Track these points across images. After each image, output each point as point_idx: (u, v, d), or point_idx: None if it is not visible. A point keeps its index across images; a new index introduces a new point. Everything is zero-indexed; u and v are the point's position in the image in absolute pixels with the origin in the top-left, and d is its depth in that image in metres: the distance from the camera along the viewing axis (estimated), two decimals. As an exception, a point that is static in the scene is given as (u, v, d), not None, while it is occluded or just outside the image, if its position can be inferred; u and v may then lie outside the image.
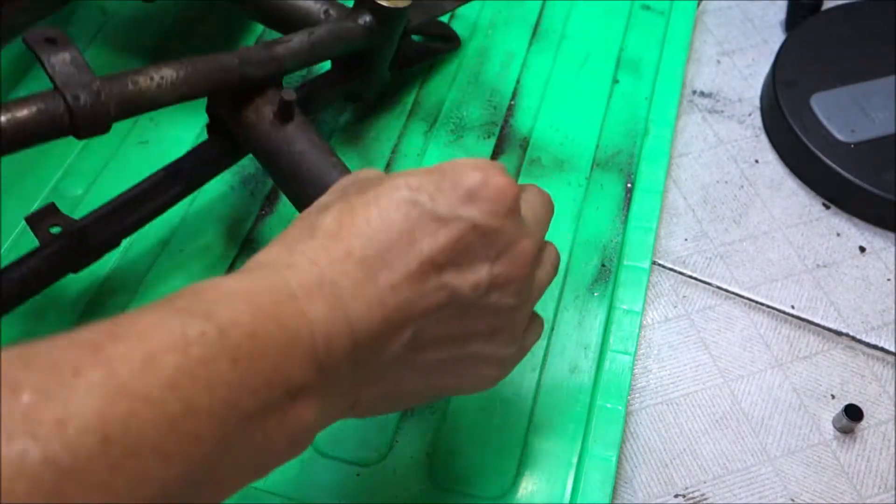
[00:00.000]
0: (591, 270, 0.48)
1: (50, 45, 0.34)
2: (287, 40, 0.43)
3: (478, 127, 0.55)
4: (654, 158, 0.53)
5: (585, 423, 0.42)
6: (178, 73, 0.37)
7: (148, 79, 0.36)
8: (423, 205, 0.28)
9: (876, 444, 0.44)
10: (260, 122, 0.42)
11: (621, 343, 0.45)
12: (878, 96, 0.55)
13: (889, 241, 0.52)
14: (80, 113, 0.33)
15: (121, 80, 0.35)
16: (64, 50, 0.34)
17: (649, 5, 0.62)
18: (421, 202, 0.28)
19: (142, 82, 0.36)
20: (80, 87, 0.33)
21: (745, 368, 0.47)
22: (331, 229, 0.28)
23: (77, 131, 0.34)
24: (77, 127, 0.33)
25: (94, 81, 0.34)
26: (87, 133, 0.34)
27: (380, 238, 0.28)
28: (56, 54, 0.34)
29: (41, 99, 0.33)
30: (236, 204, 0.51)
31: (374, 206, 0.28)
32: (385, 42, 0.49)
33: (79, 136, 0.34)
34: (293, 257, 0.27)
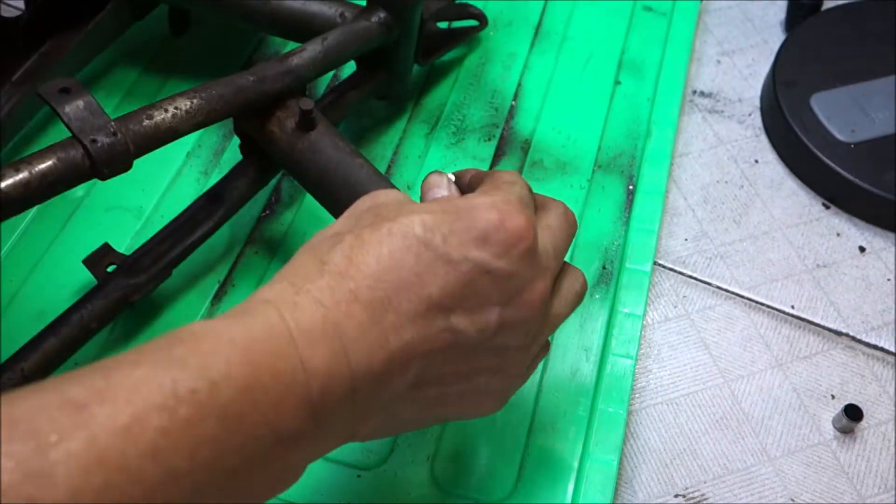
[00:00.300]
0: (593, 273, 0.49)
1: (63, 94, 0.35)
2: (301, 50, 0.43)
3: (479, 129, 0.55)
4: (656, 160, 0.53)
5: (587, 427, 0.43)
6: (192, 102, 0.38)
7: (162, 111, 0.37)
8: (436, 247, 0.28)
9: (876, 444, 0.44)
10: (283, 134, 0.42)
11: (623, 346, 0.45)
12: (878, 96, 0.55)
13: (889, 241, 0.52)
14: (99, 156, 0.34)
15: (136, 118, 0.36)
16: (77, 98, 0.35)
17: (651, 6, 0.62)
18: (433, 243, 0.28)
19: (157, 116, 0.37)
20: (97, 131, 0.35)
21: (745, 368, 0.47)
22: (340, 267, 0.27)
23: (99, 173, 0.35)
24: (98, 170, 0.35)
25: (109, 124, 0.35)
26: (111, 173, 0.35)
27: (388, 279, 0.27)
28: (70, 103, 0.35)
29: (60, 148, 0.34)
30: (238, 205, 0.52)
31: (386, 243, 0.28)
32: (404, 36, 0.49)
33: (102, 177, 0.35)
34: (298, 296, 0.27)
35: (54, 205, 0.51)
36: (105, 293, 0.42)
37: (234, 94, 0.40)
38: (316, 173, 0.42)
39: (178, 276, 0.48)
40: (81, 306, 0.42)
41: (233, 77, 0.41)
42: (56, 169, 0.34)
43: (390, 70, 0.51)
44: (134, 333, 0.46)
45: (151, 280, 0.43)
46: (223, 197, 0.45)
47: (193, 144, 0.54)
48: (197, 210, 0.45)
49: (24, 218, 0.51)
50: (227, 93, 0.40)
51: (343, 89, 0.50)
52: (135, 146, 0.36)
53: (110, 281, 0.43)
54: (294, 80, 0.43)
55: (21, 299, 0.47)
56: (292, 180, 0.53)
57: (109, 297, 0.42)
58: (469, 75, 0.58)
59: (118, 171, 0.36)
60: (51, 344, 0.41)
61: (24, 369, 0.40)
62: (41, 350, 0.41)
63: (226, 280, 0.48)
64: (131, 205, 0.51)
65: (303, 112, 0.41)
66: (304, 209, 0.51)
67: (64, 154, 0.34)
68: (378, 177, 0.41)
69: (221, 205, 0.45)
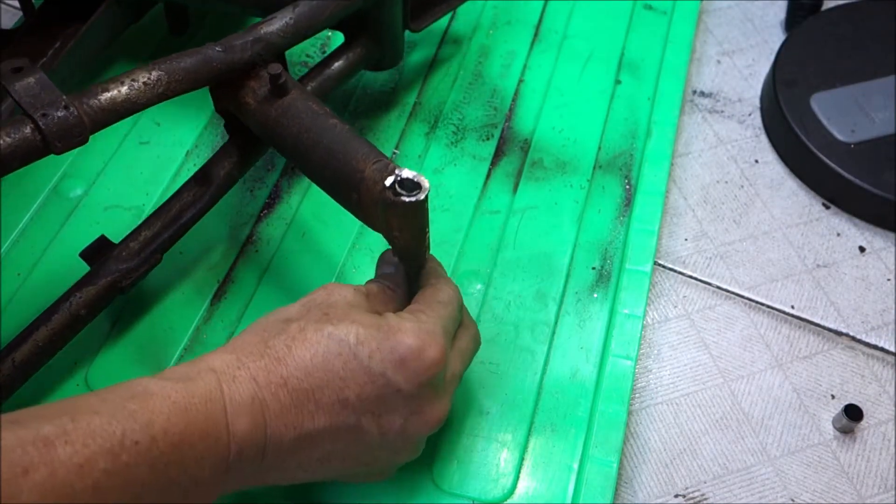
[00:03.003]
0: (593, 273, 0.49)
1: (15, 73, 0.35)
2: (271, 18, 0.42)
3: (479, 128, 0.55)
4: (656, 161, 0.53)
5: (587, 428, 0.43)
6: (151, 74, 0.38)
7: (119, 84, 0.37)
8: (361, 359, 0.33)
9: (876, 444, 0.44)
10: (257, 103, 0.41)
11: (623, 347, 0.45)
12: (878, 96, 0.55)
13: (889, 241, 0.52)
14: (49, 130, 0.34)
15: (90, 92, 0.36)
16: (29, 76, 0.35)
17: (651, 5, 0.62)
18: (360, 355, 0.33)
19: (113, 90, 0.37)
20: (47, 106, 0.34)
21: (745, 368, 0.47)
22: (279, 353, 0.33)
23: (52, 147, 0.34)
24: (50, 143, 0.34)
25: (60, 99, 0.35)
26: (64, 147, 0.35)
27: (317, 375, 0.33)
28: (21, 80, 0.34)
29: (10, 125, 0.34)
30: (236, 205, 0.52)
31: (323, 345, 0.33)
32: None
33: (56, 151, 0.35)
34: (238, 371, 0.32)
35: (53, 204, 0.51)
36: (94, 280, 0.42)
37: (199, 65, 0.39)
38: (290, 139, 0.40)
39: (178, 276, 0.48)
40: (71, 295, 0.41)
41: (198, 49, 0.40)
42: (6, 146, 0.33)
43: (376, 37, 0.50)
44: (135, 333, 0.46)
45: (141, 265, 0.43)
46: (211, 178, 0.44)
47: (192, 144, 0.54)
48: (185, 193, 0.44)
49: (24, 217, 0.50)
50: (190, 64, 0.39)
51: (330, 60, 0.49)
52: (90, 119, 0.35)
53: (100, 268, 0.42)
54: (264, 48, 0.42)
55: (21, 298, 0.47)
56: (290, 179, 0.53)
57: (99, 284, 0.42)
58: (469, 74, 0.58)
59: (73, 145, 0.35)
60: (42, 334, 0.40)
61: (15, 360, 0.40)
62: (32, 340, 0.40)
63: (225, 279, 0.48)
64: (130, 204, 0.51)
65: (272, 77, 0.40)
66: (303, 208, 0.51)
67: (13, 130, 0.34)
68: (351, 135, 0.40)
69: (209, 186, 0.44)
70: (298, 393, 0.33)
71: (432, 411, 0.36)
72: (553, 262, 0.49)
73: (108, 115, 0.36)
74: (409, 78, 0.58)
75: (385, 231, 0.37)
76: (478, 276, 0.48)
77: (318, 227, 0.51)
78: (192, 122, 0.55)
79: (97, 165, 0.53)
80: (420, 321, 0.35)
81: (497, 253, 0.49)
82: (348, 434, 0.34)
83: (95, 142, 0.54)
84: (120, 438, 0.28)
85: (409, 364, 0.34)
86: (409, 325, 0.35)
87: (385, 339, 0.34)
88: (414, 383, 0.34)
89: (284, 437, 0.32)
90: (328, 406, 0.33)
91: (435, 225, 0.50)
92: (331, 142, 0.39)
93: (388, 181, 0.34)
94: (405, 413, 0.35)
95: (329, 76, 0.49)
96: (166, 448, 0.29)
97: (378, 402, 0.34)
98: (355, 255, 0.49)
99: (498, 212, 0.51)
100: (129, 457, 0.28)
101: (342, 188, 0.39)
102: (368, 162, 0.37)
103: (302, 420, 0.33)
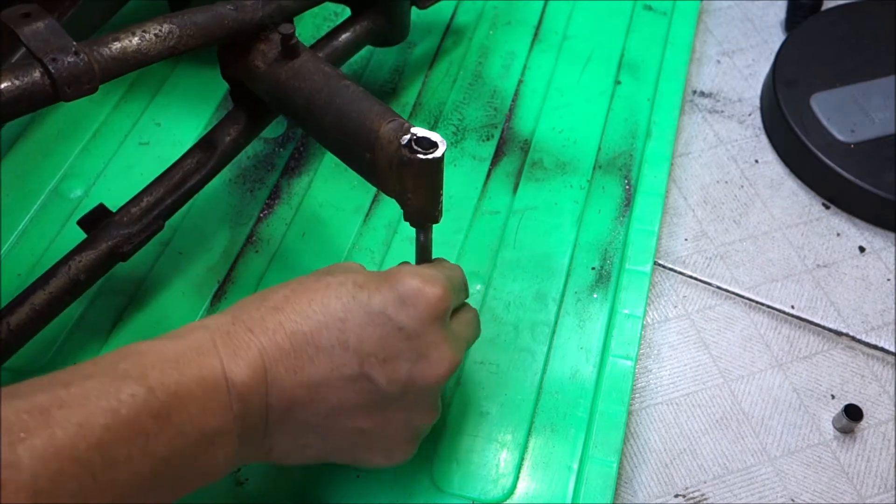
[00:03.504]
0: (592, 274, 0.49)
1: (24, 18, 0.34)
2: None
3: (479, 128, 0.55)
4: (656, 161, 0.53)
5: (586, 428, 0.43)
6: (162, 27, 0.37)
7: (130, 35, 0.36)
8: (361, 301, 0.33)
9: (876, 444, 0.44)
10: (267, 66, 0.41)
11: (622, 348, 0.45)
12: (878, 96, 0.55)
13: (889, 241, 0.52)
14: (59, 75, 0.33)
15: (102, 41, 0.35)
16: (38, 20, 0.34)
17: (651, 6, 0.62)
18: (359, 297, 0.33)
19: (124, 39, 0.36)
20: (58, 52, 0.33)
21: (745, 368, 0.47)
22: (276, 303, 0.33)
23: (62, 94, 0.34)
24: (60, 89, 0.33)
25: (71, 44, 0.34)
26: (73, 93, 0.34)
27: (315, 318, 0.32)
28: (29, 24, 0.34)
29: (19, 68, 0.33)
30: (236, 205, 0.52)
31: (321, 291, 0.33)
32: None
33: (66, 98, 0.34)
34: (233, 326, 0.32)
35: (54, 205, 0.51)
36: (94, 244, 0.41)
37: (210, 22, 0.38)
38: (301, 100, 0.40)
39: (178, 276, 0.48)
40: (70, 258, 0.40)
41: (210, 6, 0.39)
42: (14, 88, 0.32)
43: (384, 11, 0.49)
44: (135, 333, 0.46)
45: (143, 231, 0.42)
46: (215, 144, 0.43)
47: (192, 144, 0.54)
48: (188, 159, 0.43)
49: (24, 218, 0.51)
50: (201, 19, 0.38)
51: (337, 32, 0.48)
52: (100, 68, 0.35)
53: (100, 232, 0.41)
54: (276, 10, 0.41)
55: (20, 299, 0.47)
56: (290, 180, 0.53)
57: (99, 249, 0.40)
58: (469, 75, 0.58)
59: (82, 93, 0.34)
60: (39, 297, 0.39)
61: (10, 323, 0.39)
62: (29, 304, 0.39)
63: (225, 279, 0.48)
64: (130, 204, 0.51)
65: (283, 38, 0.39)
66: (303, 209, 0.51)
67: (22, 73, 0.33)
68: (364, 95, 0.39)
69: (213, 152, 0.43)
70: (296, 336, 0.32)
71: (440, 356, 0.34)
72: (553, 263, 0.49)
73: (118, 64, 0.35)
74: (409, 78, 0.58)
75: (398, 193, 0.37)
76: (478, 277, 0.48)
77: (318, 227, 0.51)
78: (192, 122, 0.55)
79: (97, 166, 0.53)
80: (422, 269, 0.35)
81: (497, 253, 0.49)
82: (352, 383, 0.33)
83: (95, 142, 0.55)
84: (115, 394, 0.27)
85: (410, 300, 0.33)
86: (409, 269, 0.34)
87: (384, 280, 0.33)
88: (416, 320, 0.33)
89: (286, 382, 0.31)
90: (327, 348, 0.32)
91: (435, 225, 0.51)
92: (344, 102, 0.38)
93: (403, 139, 0.34)
94: (410, 356, 0.33)
95: (336, 47, 0.48)
96: (165, 397, 0.28)
97: (380, 344, 0.33)
98: (355, 255, 0.49)
99: (498, 212, 0.51)
100: (129, 410, 0.27)
101: (355, 148, 0.38)
102: (383, 121, 0.36)
103: (302, 363, 0.32)
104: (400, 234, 0.50)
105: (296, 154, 0.54)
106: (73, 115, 0.56)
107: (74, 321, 0.46)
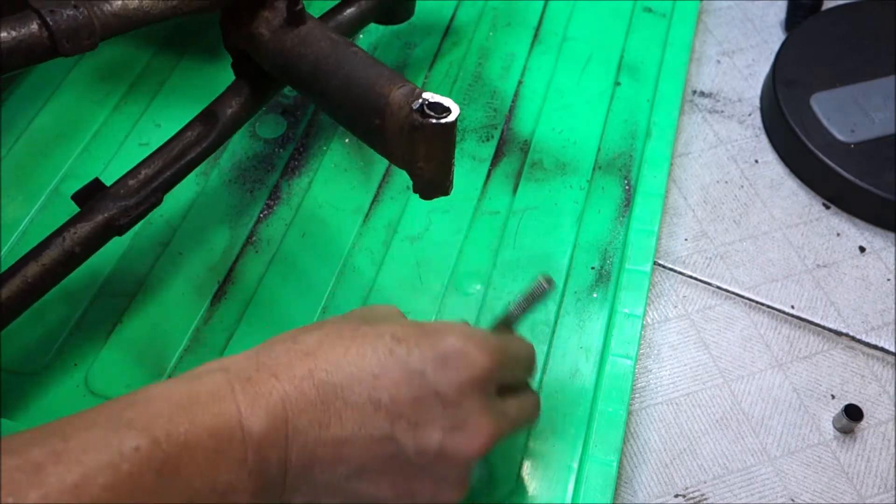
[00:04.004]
0: (592, 273, 0.49)
1: None
2: None
3: (478, 129, 0.55)
4: (656, 161, 0.53)
5: (586, 427, 0.43)
6: None
7: None
8: (399, 356, 0.30)
9: (876, 444, 0.44)
10: (271, 33, 0.40)
11: (622, 347, 0.45)
12: (878, 96, 0.55)
13: (889, 241, 0.52)
14: (57, 27, 0.32)
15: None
16: None
17: (651, 7, 0.62)
18: (397, 352, 0.30)
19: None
20: (56, 4, 0.32)
21: (745, 368, 0.47)
22: (308, 348, 0.30)
23: (60, 47, 0.33)
24: (58, 42, 0.32)
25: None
26: (72, 48, 0.33)
27: (347, 369, 0.30)
28: None
29: (16, 20, 0.32)
30: (236, 205, 0.52)
31: (358, 341, 0.30)
32: None
33: (64, 52, 0.33)
34: (256, 373, 0.29)
35: (54, 205, 0.51)
36: (90, 216, 0.39)
37: None
38: (307, 68, 0.38)
39: (178, 276, 0.48)
40: (64, 230, 0.38)
41: None
42: (11, 39, 0.31)
43: None
44: (135, 333, 0.46)
45: (140, 203, 0.40)
46: (217, 116, 0.42)
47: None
48: (188, 132, 0.42)
49: (24, 218, 0.51)
50: None
51: (342, 6, 0.47)
52: (101, 24, 0.33)
53: (96, 204, 0.39)
54: None
55: (20, 299, 0.47)
56: (290, 180, 0.53)
57: (95, 220, 0.39)
58: (468, 76, 0.58)
59: (82, 48, 0.33)
60: (32, 269, 0.37)
61: (1, 295, 0.37)
62: (21, 275, 0.37)
63: (226, 279, 0.48)
64: (131, 205, 0.51)
65: (290, 2, 0.38)
66: (303, 209, 0.51)
67: (18, 25, 0.32)
68: (373, 61, 0.37)
69: (215, 125, 0.42)
70: (325, 386, 0.29)
71: (477, 429, 0.31)
72: (553, 263, 0.49)
73: (119, 21, 0.34)
74: (408, 79, 0.58)
75: (408, 162, 0.35)
76: (477, 277, 0.48)
77: (318, 227, 0.51)
78: (192, 123, 0.55)
79: (97, 167, 0.53)
80: (471, 329, 0.32)
81: (497, 253, 0.49)
82: (380, 445, 0.30)
83: (95, 143, 0.55)
84: (118, 447, 0.25)
85: (452, 363, 0.30)
86: (457, 327, 0.32)
87: (427, 336, 0.31)
88: (455, 387, 0.30)
89: (309, 436, 0.29)
90: (358, 405, 0.29)
91: (435, 225, 0.51)
92: (352, 68, 0.37)
93: (415, 104, 0.33)
94: (444, 425, 0.30)
95: (340, 22, 0.47)
96: (172, 449, 0.26)
97: (414, 407, 0.30)
98: (356, 255, 0.49)
99: (498, 212, 0.51)
100: (132, 465, 0.25)
101: (363, 114, 0.36)
102: (394, 86, 0.35)
103: (328, 418, 0.29)
104: (400, 234, 0.50)
105: (296, 154, 0.54)
106: (73, 115, 0.56)
107: (74, 322, 0.46)
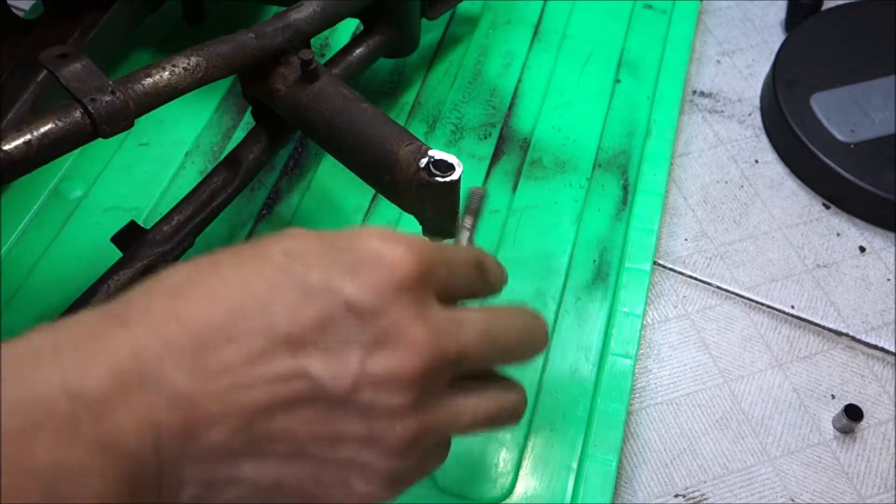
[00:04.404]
0: (592, 272, 0.49)
1: (61, 59, 0.36)
2: (299, 5, 0.44)
3: (478, 127, 0.55)
4: (656, 160, 0.53)
5: (586, 427, 0.43)
6: (190, 60, 0.39)
7: (161, 70, 0.38)
8: (294, 273, 0.24)
9: (876, 444, 0.44)
10: (287, 89, 0.42)
11: (622, 346, 0.45)
12: (878, 96, 0.55)
13: (889, 241, 0.52)
14: (98, 114, 0.35)
15: (134, 78, 0.37)
16: (75, 61, 0.36)
17: (651, 4, 0.62)
18: (292, 270, 0.24)
19: (155, 75, 0.38)
20: (95, 91, 0.35)
21: (745, 368, 0.47)
22: (174, 286, 0.23)
23: (101, 132, 0.35)
24: (99, 127, 0.35)
25: (107, 84, 0.36)
26: (112, 131, 0.36)
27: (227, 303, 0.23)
28: (68, 66, 0.35)
29: (60, 109, 0.35)
30: (236, 205, 0.52)
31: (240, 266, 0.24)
32: None
33: (105, 135, 0.36)
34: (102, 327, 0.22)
35: (53, 206, 0.51)
36: (130, 263, 0.42)
37: (233, 51, 0.40)
38: (323, 123, 0.41)
39: (176, 275, 0.48)
40: (108, 277, 0.42)
41: (232, 35, 0.41)
42: (58, 130, 0.34)
43: (396, 24, 0.51)
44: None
45: (175, 248, 0.43)
46: (240, 162, 0.45)
47: (192, 144, 0.54)
48: (215, 177, 0.45)
49: (24, 219, 0.51)
50: (225, 50, 0.40)
51: (351, 47, 0.50)
52: (135, 104, 0.36)
53: (135, 252, 0.43)
54: (294, 34, 0.43)
55: (20, 300, 0.47)
56: (290, 180, 0.53)
57: (135, 268, 0.42)
58: (468, 74, 0.58)
59: (120, 129, 0.36)
60: None
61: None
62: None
63: (225, 280, 0.48)
64: (130, 205, 0.51)
65: (303, 63, 0.41)
66: (303, 209, 0.51)
67: (64, 115, 0.35)
68: (383, 118, 0.40)
69: (239, 170, 0.45)
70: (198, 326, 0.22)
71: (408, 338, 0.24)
72: (552, 261, 0.49)
73: (151, 99, 0.37)
74: (408, 78, 0.58)
75: (417, 212, 0.38)
76: (477, 276, 0.48)
77: (318, 227, 0.51)
78: (191, 122, 0.55)
79: (97, 167, 0.53)
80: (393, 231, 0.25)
81: (496, 252, 0.49)
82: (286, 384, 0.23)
83: (95, 143, 0.55)
84: None
85: (364, 267, 0.24)
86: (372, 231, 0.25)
87: (330, 246, 0.25)
88: (373, 292, 0.24)
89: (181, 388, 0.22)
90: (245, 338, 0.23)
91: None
92: (363, 125, 0.40)
93: (422, 162, 0.36)
94: (363, 341, 0.24)
95: (351, 62, 0.50)
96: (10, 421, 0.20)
97: (322, 328, 0.23)
98: (355, 255, 0.49)
99: (497, 211, 0.51)
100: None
101: (375, 170, 0.39)
102: (402, 144, 0.38)
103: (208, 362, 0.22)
104: (399, 233, 0.50)
105: (295, 154, 0.54)
106: (72, 115, 0.56)
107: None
